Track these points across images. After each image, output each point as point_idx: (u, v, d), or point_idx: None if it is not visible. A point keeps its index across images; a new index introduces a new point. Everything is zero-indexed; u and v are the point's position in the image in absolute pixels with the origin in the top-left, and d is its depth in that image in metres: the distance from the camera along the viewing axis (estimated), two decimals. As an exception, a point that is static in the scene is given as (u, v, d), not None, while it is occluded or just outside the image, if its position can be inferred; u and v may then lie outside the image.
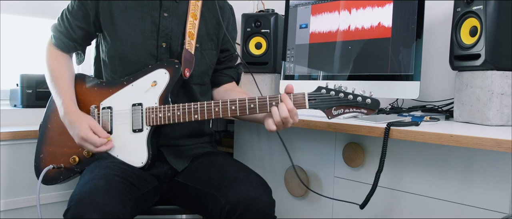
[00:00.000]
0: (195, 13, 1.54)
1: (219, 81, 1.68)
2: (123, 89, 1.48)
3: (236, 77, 1.72)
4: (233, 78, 1.70)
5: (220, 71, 1.67)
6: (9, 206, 1.82)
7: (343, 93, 1.29)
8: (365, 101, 1.27)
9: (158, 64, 1.47)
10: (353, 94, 1.28)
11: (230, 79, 1.69)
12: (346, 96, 1.28)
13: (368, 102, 1.27)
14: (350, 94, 1.28)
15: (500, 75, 1.37)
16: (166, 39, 1.51)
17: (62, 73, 1.53)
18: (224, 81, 1.68)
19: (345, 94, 1.28)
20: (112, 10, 1.49)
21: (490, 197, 1.25)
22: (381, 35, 1.68)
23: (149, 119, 1.43)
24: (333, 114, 1.30)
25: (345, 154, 1.57)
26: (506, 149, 1.07)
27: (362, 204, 1.38)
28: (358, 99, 1.28)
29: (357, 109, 1.29)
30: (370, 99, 1.27)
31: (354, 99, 1.28)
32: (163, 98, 1.43)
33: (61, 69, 1.54)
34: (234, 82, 1.71)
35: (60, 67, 1.54)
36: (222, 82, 1.68)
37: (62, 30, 1.55)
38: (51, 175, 1.52)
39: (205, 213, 1.41)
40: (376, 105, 1.28)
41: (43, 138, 1.56)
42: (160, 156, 1.51)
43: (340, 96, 1.29)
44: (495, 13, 1.36)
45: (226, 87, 1.68)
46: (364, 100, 1.27)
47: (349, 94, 1.28)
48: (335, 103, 1.29)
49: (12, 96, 2.04)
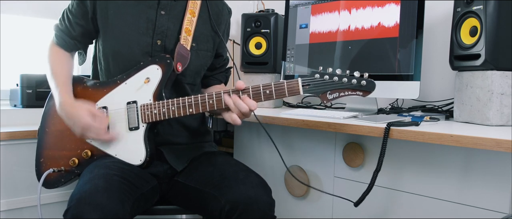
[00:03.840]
0: (193, 10, 1.54)
1: (208, 84, 1.72)
2: (117, 88, 1.48)
3: (224, 80, 1.76)
4: (221, 81, 1.75)
5: (211, 76, 1.71)
6: (9, 206, 1.82)
7: (337, 76, 1.26)
8: (360, 83, 1.25)
9: (150, 61, 1.47)
10: (347, 77, 1.26)
11: (218, 82, 1.73)
12: (340, 79, 1.26)
13: (363, 84, 1.25)
14: (345, 77, 1.26)
15: (500, 75, 1.37)
16: (161, 37, 1.51)
17: (62, 68, 1.54)
18: (212, 84, 1.72)
19: (340, 77, 1.26)
20: (109, 8, 1.50)
21: (490, 197, 1.25)
22: (381, 35, 1.68)
23: (144, 116, 1.43)
24: (328, 98, 1.28)
25: (345, 154, 1.57)
26: (506, 149, 1.07)
27: (357, 201, 1.37)
28: (353, 81, 1.25)
29: (352, 92, 1.27)
30: (365, 80, 1.25)
31: (348, 82, 1.26)
32: (157, 95, 1.43)
33: (61, 65, 1.55)
34: (222, 84, 1.75)
35: (60, 63, 1.55)
36: (210, 85, 1.72)
37: (63, 29, 1.57)
38: (52, 179, 1.52)
39: (205, 213, 1.41)
40: (371, 86, 1.26)
41: (42, 142, 1.56)
42: (160, 156, 1.51)
43: (334, 79, 1.27)
44: (495, 13, 1.36)
45: (213, 87, 1.72)
46: (359, 82, 1.25)
47: (344, 77, 1.26)
48: (329, 87, 1.27)
49: (12, 96, 2.04)
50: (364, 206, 1.49)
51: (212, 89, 1.71)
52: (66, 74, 1.54)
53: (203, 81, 1.68)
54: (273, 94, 1.31)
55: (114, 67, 1.51)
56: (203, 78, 1.67)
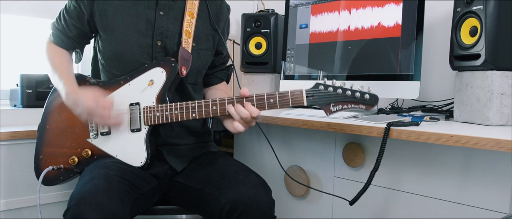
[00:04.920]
0: (192, 12, 1.54)
1: (209, 82, 1.71)
2: (120, 89, 1.48)
3: (226, 78, 1.76)
4: (222, 80, 1.74)
5: (212, 74, 1.70)
6: (9, 206, 1.82)
7: (341, 89, 1.27)
8: (364, 96, 1.26)
9: (155, 63, 1.47)
10: (351, 90, 1.27)
11: (219, 80, 1.73)
12: (344, 92, 1.27)
13: (367, 97, 1.26)
14: (348, 90, 1.27)
15: (500, 75, 1.37)
16: (161, 38, 1.51)
17: (62, 61, 1.54)
18: (214, 83, 1.72)
19: (343, 90, 1.27)
20: (107, 9, 1.50)
21: (490, 197, 1.25)
22: (381, 35, 1.68)
23: (147, 118, 1.43)
24: (331, 110, 1.29)
25: (345, 154, 1.57)
26: (506, 149, 1.07)
27: (352, 200, 1.37)
28: (356, 95, 1.27)
29: (355, 105, 1.28)
30: (368, 94, 1.26)
31: (352, 95, 1.27)
32: (161, 98, 1.43)
33: (60, 59, 1.55)
34: (223, 82, 1.75)
35: (59, 57, 1.55)
36: (211, 84, 1.71)
37: (60, 28, 1.57)
38: (51, 176, 1.52)
39: (205, 213, 1.41)
40: (374, 100, 1.27)
41: (41, 139, 1.56)
42: (160, 156, 1.51)
43: (338, 92, 1.28)
44: (495, 13, 1.36)
45: (216, 87, 1.71)
46: (362, 95, 1.26)
47: (347, 90, 1.27)
48: (333, 99, 1.28)
49: (12, 96, 2.04)
50: (364, 206, 1.50)
51: (214, 89, 1.71)
52: (67, 67, 1.54)
53: (204, 80, 1.68)
54: (277, 104, 1.31)
55: (114, 68, 1.51)
56: (204, 77, 1.67)
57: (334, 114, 1.29)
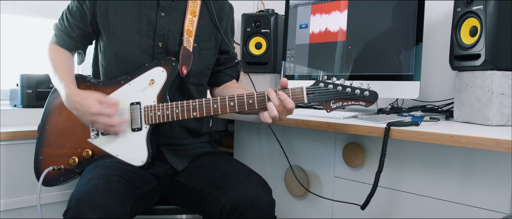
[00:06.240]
0: (194, 10, 1.54)
1: (219, 81, 1.68)
2: (121, 88, 1.48)
3: (235, 75, 1.73)
4: (232, 77, 1.71)
5: (220, 72, 1.68)
6: (9, 206, 1.82)
7: (341, 86, 1.30)
8: (363, 93, 1.29)
9: (155, 63, 1.47)
10: (351, 87, 1.29)
11: (229, 78, 1.70)
12: (344, 89, 1.29)
13: (366, 94, 1.28)
14: (348, 87, 1.29)
15: (500, 75, 1.37)
16: (162, 39, 1.50)
17: (63, 62, 1.54)
18: (224, 81, 1.69)
19: (343, 87, 1.30)
20: (109, 9, 1.50)
21: (490, 197, 1.25)
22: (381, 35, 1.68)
23: (148, 117, 1.43)
24: (331, 107, 1.31)
25: (345, 154, 1.57)
26: (506, 149, 1.07)
27: (363, 204, 1.38)
28: (356, 92, 1.29)
29: (355, 101, 1.30)
30: (368, 91, 1.29)
31: (352, 92, 1.29)
32: (161, 97, 1.43)
33: (62, 60, 1.55)
34: (233, 80, 1.72)
35: (61, 59, 1.55)
36: (222, 82, 1.69)
37: (63, 29, 1.57)
38: (51, 177, 1.52)
39: (205, 213, 1.41)
40: (374, 97, 1.29)
41: (41, 140, 1.56)
42: (160, 156, 1.51)
43: (338, 89, 1.30)
44: (495, 13, 1.36)
45: (225, 85, 1.69)
46: (362, 92, 1.29)
47: (347, 87, 1.29)
48: (333, 96, 1.30)
49: (12, 96, 2.04)
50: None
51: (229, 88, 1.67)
52: (69, 68, 1.54)
53: (213, 79, 1.66)
54: None
55: (115, 68, 1.51)
56: (213, 76, 1.66)
57: (334, 112, 1.30)
